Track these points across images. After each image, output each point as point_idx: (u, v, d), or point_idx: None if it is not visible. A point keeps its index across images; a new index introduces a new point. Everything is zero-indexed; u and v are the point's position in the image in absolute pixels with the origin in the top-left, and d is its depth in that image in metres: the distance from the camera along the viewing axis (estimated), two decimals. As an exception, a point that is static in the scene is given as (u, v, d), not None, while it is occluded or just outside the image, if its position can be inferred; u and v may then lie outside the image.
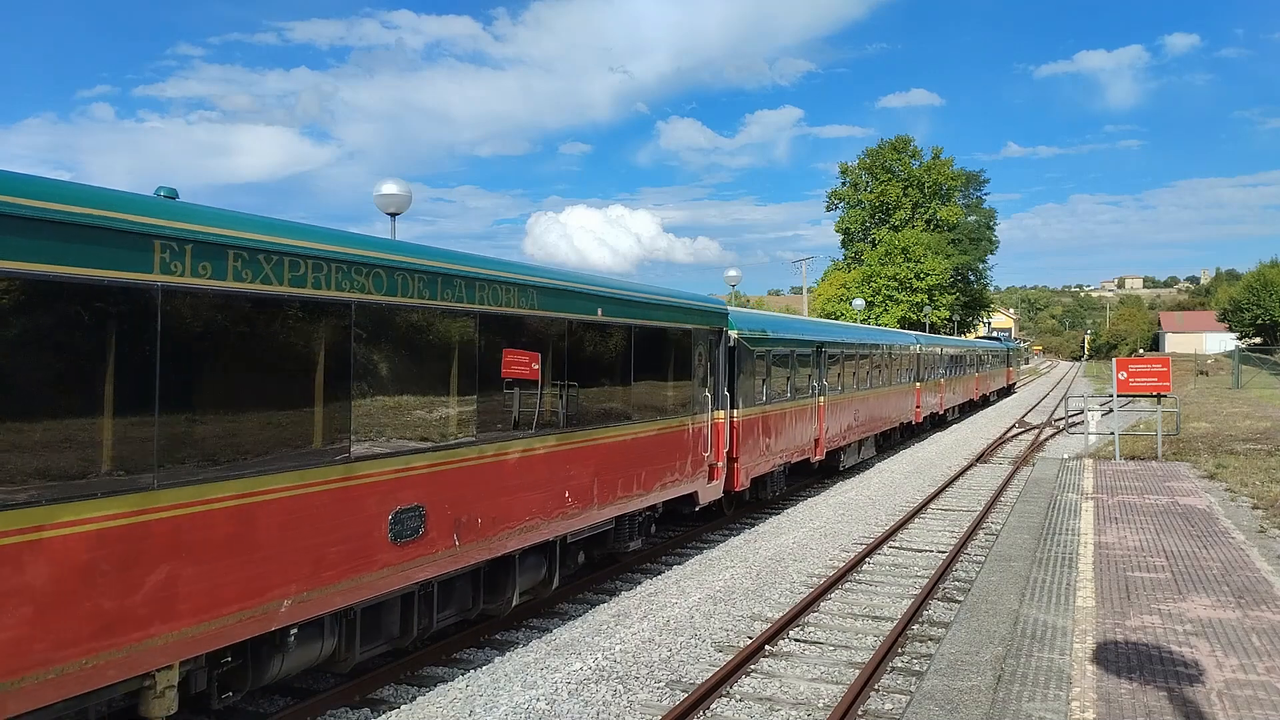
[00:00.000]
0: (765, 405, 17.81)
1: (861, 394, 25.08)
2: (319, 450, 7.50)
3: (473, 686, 9.06)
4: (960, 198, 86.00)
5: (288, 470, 7.20)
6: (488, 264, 9.78)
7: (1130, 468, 21.93)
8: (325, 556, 7.55)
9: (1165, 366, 23.86)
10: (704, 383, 14.80)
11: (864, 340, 26.60)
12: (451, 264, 9.16)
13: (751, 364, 17.00)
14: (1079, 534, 13.84)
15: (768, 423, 17.93)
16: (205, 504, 6.57)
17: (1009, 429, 38.46)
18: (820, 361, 21.43)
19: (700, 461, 14.71)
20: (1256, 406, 43.10)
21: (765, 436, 17.82)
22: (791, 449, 19.57)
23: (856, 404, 24.44)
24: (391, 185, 15.76)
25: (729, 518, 17.92)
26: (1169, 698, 7.29)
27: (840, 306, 74.11)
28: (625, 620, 11.32)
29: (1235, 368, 65.49)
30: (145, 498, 6.17)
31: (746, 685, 9.38)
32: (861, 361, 25.39)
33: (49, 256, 5.60)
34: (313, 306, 7.49)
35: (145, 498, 6.17)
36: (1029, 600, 10.22)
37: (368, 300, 7.99)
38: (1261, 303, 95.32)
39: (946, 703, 7.29)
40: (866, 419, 25.43)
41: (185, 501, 6.44)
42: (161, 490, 6.26)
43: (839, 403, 22.73)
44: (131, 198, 6.36)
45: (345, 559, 7.75)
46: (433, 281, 8.77)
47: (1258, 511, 16.02)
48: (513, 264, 10.39)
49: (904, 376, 31.06)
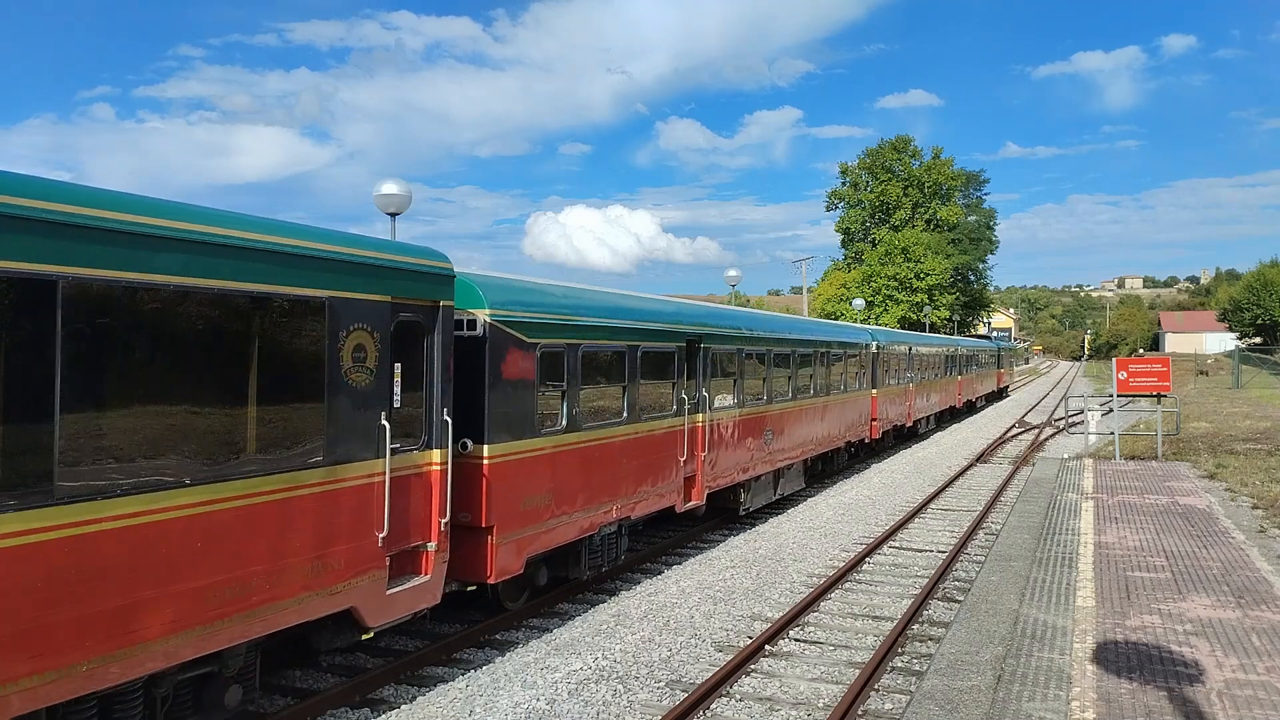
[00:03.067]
0: (558, 436, 11.10)
1: (780, 407, 18.61)
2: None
3: (473, 686, 9.06)
4: (960, 198, 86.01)
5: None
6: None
7: (1130, 468, 21.93)
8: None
9: (1165, 366, 23.86)
10: (375, 403, 8.26)
11: (786, 334, 19.75)
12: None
13: (527, 367, 10.55)
14: (1079, 534, 13.84)
15: (558, 465, 11.05)
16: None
17: (1009, 429, 38.46)
18: (698, 363, 14.89)
19: (350, 565, 8.04)
20: (1256, 406, 43.11)
21: (554, 487, 10.98)
22: (625, 504, 12.60)
23: (770, 422, 18.05)
24: (391, 185, 15.76)
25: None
26: (1169, 697, 7.29)
27: (840, 306, 74.10)
28: (625, 620, 11.32)
29: (1235, 368, 65.51)
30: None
31: (746, 685, 9.38)
32: (781, 364, 19.07)
33: None
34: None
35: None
36: (1029, 600, 10.22)
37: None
38: (1261, 302, 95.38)
39: (946, 703, 7.29)
40: (791, 442, 19.34)
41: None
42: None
43: (732, 422, 16.22)
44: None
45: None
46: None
47: (1258, 511, 16.02)
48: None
49: (857, 382, 24.97)
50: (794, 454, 19.72)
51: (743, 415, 16.81)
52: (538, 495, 10.72)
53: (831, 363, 22.61)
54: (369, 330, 8.24)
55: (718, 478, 15.70)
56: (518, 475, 10.34)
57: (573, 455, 11.39)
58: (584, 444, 11.64)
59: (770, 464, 18.20)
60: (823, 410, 21.77)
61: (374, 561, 8.27)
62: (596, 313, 12.24)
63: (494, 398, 9.98)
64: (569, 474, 11.31)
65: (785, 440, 19.03)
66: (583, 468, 11.60)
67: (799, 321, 23.65)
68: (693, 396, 14.69)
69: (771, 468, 18.33)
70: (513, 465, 10.26)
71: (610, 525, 12.41)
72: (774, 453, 18.34)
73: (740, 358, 16.79)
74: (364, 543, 8.17)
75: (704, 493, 15.09)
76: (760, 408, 17.67)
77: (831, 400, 22.49)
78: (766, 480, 18.37)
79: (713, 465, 15.42)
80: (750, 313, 20.24)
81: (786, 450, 19.15)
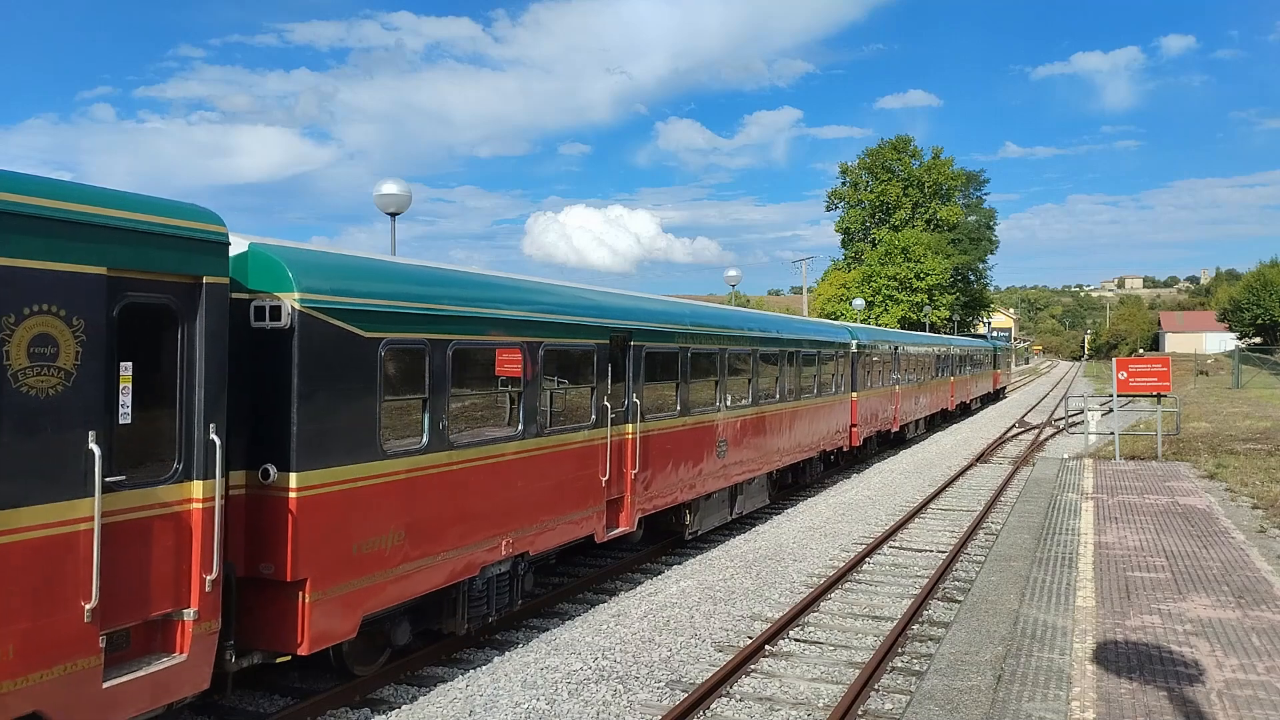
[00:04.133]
0: (417, 457, 8.77)
1: (737, 415, 16.25)
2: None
3: (473, 686, 9.06)
4: (960, 197, 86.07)
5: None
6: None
7: (1130, 467, 21.93)
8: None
9: (1165, 366, 23.86)
10: (76, 419, 5.95)
11: (744, 331, 17.03)
12: None
13: (364, 370, 8.20)
14: (1079, 534, 13.84)
15: (416, 494, 8.77)
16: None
17: (1009, 429, 38.46)
18: (626, 364, 12.66)
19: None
20: (1256, 406, 43.11)
21: (410, 522, 8.69)
22: (521, 538, 10.31)
23: (725, 431, 15.72)
24: (391, 185, 15.79)
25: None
26: (1169, 697, 7.29)
27: (840, 306, 74.13)
28: (625, 620, 11.32)
29: (1235, 367, 65.51)
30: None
31: (746, 685, 9.38)
32: (739, 365, 16.58)
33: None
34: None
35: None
36: (1029, 600, 10.22)
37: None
38: (1261, 302, 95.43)
39: (946, 703, 7.29)
40: (751, 454, 17.06)
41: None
42: None
43: (673, 433, 13.90)
44: None
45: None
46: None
47: (1258, 511, 16.03)
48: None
49: (833, 385, 22.56)
50: (755, 467, 17.33)
51: (689, 425, 14.42)
52: (383, 534, 8.33)
53: (802, 364, 20.10)
54: (62, 315, 5.83)
55: (654, 498, 13.34)
56: (349, 510, 7.98)
57: (439, 481, 8.97)
58: (457, 466, 9.21)
59: (724, 480, 15.80)
60: (791, 417, 19.28)
61: (75, 646, 5.90)
62: (476, 301, 9.71)
63: (308, 410, 7.56)
64: (433, 504, 8.92)
65: (744, 452, 16.65)
66: (454, 495, 9.19)
67: (761, 317, 20.50)
68: (620, 404, 12.43)
69: (726, 484, 15.95)
70: (340, 498, 7.89)
71: (499, 564, 10.02)
72: (729, 467, 15.95)
73: (685, 358, 14.31)
74: (54, 621, 5.79)
75: (635, 517, 12.77)
76: (711, 416, 15.23)
77: (803, 405, 20.05)
78: (720, 498, 16.08)
79: (646, 484, 13.07)
80: (698, 306, 16.66)
81: (746, 463, 16.79)
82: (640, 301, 14.08)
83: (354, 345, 8.05)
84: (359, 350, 8.10)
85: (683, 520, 14.86)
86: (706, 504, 15.50)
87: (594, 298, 12.54)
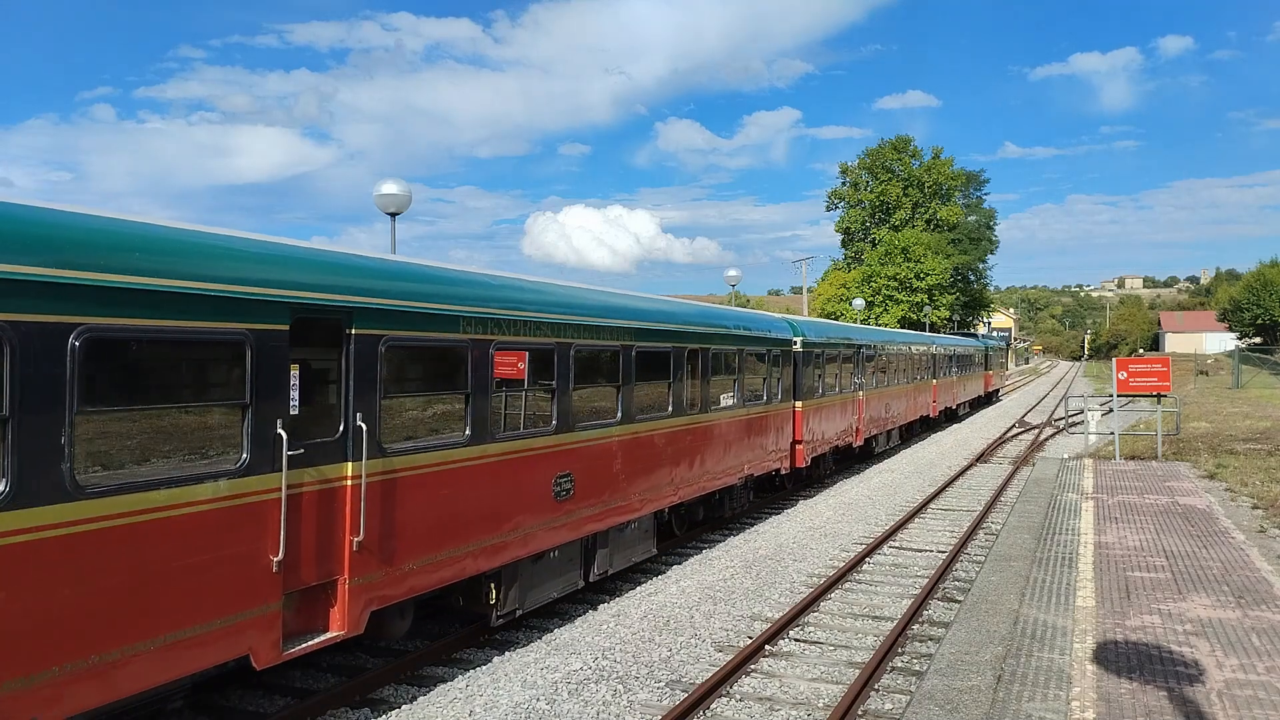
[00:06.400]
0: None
1: (597, 435, 11.71)
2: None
3: (473, 686, 9.06)
4: (960, 197, 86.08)
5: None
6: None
7: (1130, 467, 21.92)
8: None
9: (1165, 366, 23.84)
10: None
11: (604, 320, 12.04)
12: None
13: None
14: (1079, 534, 13.84)
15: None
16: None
17: (1009, 429, 38.47)
18: (345, 367, 8.06)
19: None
20: (1256, 406, 43.10)
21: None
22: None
23: (568, 458, 11.05)
24: (391, 185, 15.78)
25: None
26: (1169, 698, 7.28)
27: (840, 306, 74.14)
28: (625, 620, 11.32)
29: (1235, 367, 65.48)
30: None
31: (746, 685, 9.38)
32: (590, 366, 11.87)
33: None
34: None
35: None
36: (1029, 600, 10.22)
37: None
38: (1261, 302, 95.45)
39: (946, 703, 7.29)
40: (623, 490, 12.36)
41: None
42: None
43: (452, 475, 9.18)
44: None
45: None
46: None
47: (1258, 511, 16.02)
48: None
49: (765, 392, 17.89)
50: (628, 507, 12.52)
51: (491, 457, 9.64)
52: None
53: (715, 366, 15.42)
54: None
55: (410, 576, 8.58)
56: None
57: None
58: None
59: (571, 530, 11.20)
60: (693, 436, 14.51)
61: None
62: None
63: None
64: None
65: (608, 489, 11.97)
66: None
67: (640, 302, 13.78)
68: (334, 430, 7.91)
69: (573, 535, 11.29)
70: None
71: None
72: (578, 511, 11.28)
73: (478, 356, 9.46)
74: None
75: (361, 613, 8.02)
76: (540, 441, 10.54)
77: (715, 420, 15.39)
78: (563, 559, 11.31)
79: (390, 555, 8.31)
80: (508, 280, 10.71)
81: (611, 504, 12.07)
82: (367, 264, 8.64)
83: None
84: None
85: (486, 597, 9.99)
86: (534, 569, 10.69)
87: (259, 247, 7.61)
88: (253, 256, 7.39)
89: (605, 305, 12.44)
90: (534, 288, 11.04)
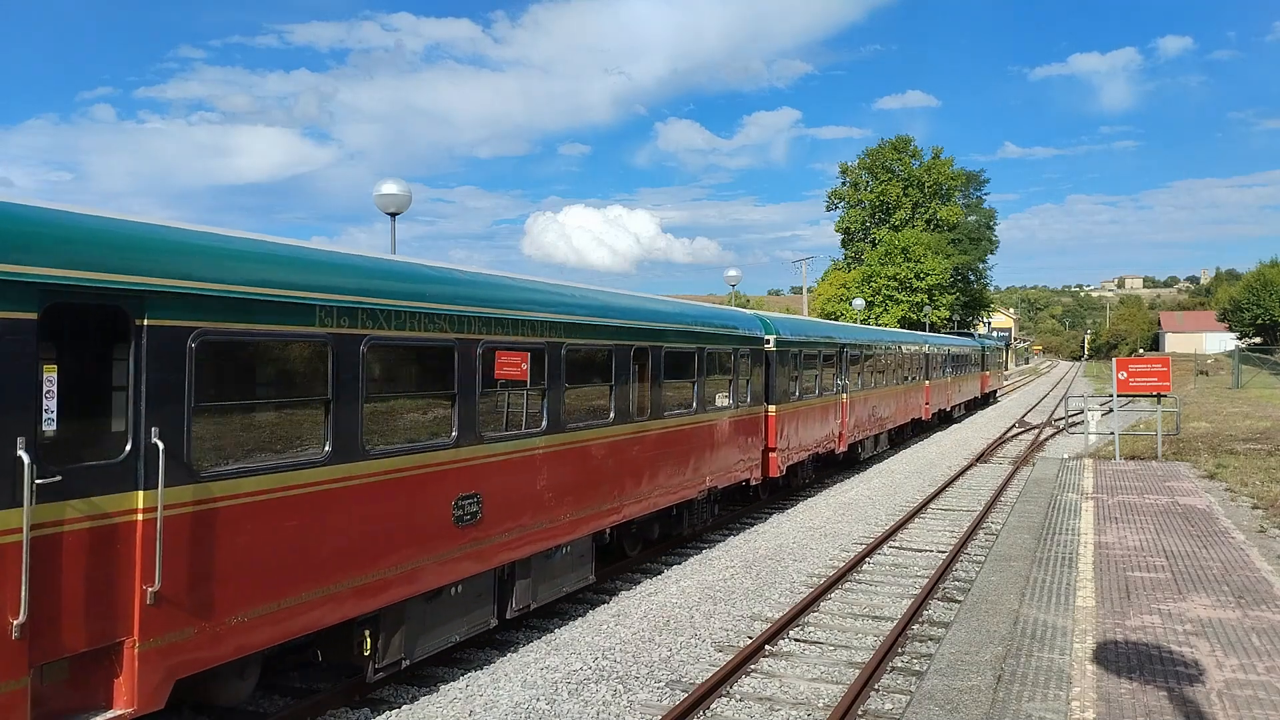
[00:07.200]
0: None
1: (513, 448, 10.06)
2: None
3: (473, 686, 9.06)
4: (960, 197, 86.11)
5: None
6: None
7: (1130, 467, 21.92)
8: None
9: (1165, 366, 23.83)
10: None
11: (527, 313, 10.36)
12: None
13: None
14: (1079, 534, 13.84)
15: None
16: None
17: (1009, 429, 38.47)
18: (136, 367, 6.24)
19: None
20: (1256, 406, 43.10)
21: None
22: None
23: (471, 476, 9.34)
24: (391, 185, 15.78)
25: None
26: (1169, 698, 7.28)
27: (840, 306, 74.14)
28: (625, 620, 11.32)
29: (1235, 367, 65.48)
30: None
31: (746, 685, 9.38)
32: (529, 367, 10.41)
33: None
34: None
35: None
36: (1029, 600, 10.21)
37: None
38: (1261, 302, 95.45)
39: (946, 703, 7.29)
40: (548, 509, 10.71)
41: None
42: None
43: (302, 502, 7.38)
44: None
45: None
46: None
47: (1258, 511, 16.02)
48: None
49: (733, 397, 16.41)
50: (555, 532, 10.89)
51: (367, 477, 8.01)
52: None
53: (669, 368, 13.89)
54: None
55: (231, 634, 6.84)
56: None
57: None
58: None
59: (478, 561, 9.49)
60: (640, 446, 12.93)
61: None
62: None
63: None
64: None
65: (529, 509, 10.32)
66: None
67: (576, 294, 12.01)
68: (116, 451, 6.22)
69: (481, 567, 9.58)
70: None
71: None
72: (487, 539, 9.58)
73: (351, 353, 7.84)
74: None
75: (160, 683, 6.30)
76: (433, 456, 8.84)
77: (668, 428, 13.81)
78: (466, 596, 9.55)
79: (200, 608, 6.59)
80: (398, 264, 9.20)
81: (531, 528, 10.38)
82: (176, 233, 6.84)
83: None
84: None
85: (359, 648, 8.28)
86: (427, 610, 9.00)
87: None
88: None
89: (524, 295, 10.58)
90: (430, 273, 9.27)
